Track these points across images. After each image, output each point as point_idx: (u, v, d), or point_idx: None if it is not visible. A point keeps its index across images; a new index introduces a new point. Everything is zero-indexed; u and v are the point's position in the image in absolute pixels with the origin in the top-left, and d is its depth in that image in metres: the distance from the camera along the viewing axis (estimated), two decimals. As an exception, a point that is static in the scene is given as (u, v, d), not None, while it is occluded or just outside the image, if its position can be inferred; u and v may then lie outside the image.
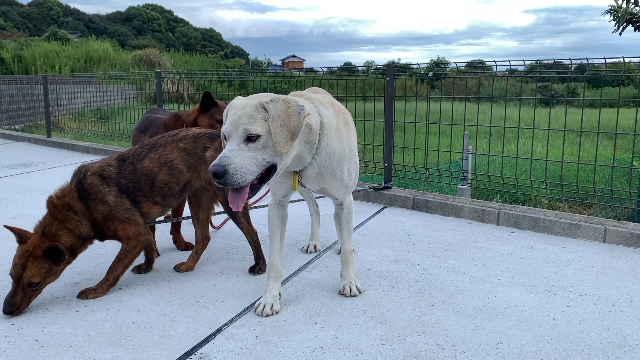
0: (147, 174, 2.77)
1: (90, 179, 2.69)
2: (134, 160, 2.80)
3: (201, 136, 2.89)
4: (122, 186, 2.72)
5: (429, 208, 4.35)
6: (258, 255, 3.03)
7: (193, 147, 2.85)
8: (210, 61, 42.71)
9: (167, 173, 2.80)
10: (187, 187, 2.90)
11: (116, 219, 2.70)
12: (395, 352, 2.14)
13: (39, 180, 5.88)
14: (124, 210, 2.72)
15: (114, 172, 2.73)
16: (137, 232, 2.75)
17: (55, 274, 2.58)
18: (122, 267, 2.75)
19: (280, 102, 2.11)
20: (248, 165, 2.05)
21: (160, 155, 2.81)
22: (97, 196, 2.67)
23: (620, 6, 5.54)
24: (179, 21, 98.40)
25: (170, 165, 2.81)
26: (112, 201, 2.69)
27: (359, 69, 6.89)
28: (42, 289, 2.59)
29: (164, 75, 7.68)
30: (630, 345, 2.18)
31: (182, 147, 2.85)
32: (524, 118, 4.89)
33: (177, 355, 2.14)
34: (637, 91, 8.34)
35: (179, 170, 2.83)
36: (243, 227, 3.00)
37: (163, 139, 2.88)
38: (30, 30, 62.55)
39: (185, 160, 2.84)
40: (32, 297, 2.54)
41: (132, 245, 2.74)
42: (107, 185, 2.70)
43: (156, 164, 2.80)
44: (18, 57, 26.32)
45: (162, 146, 2.85)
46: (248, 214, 3.02)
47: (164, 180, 2.80)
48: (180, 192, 2.88)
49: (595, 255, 3.29)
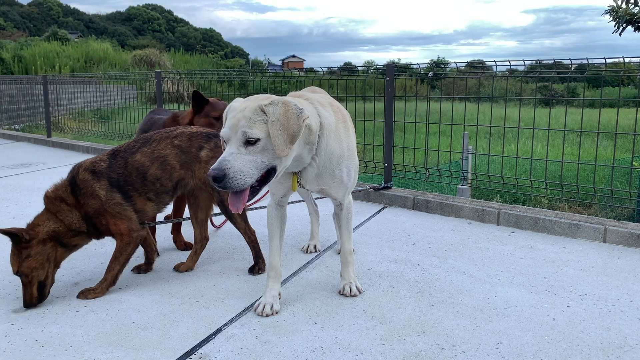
0: (139, 167, 2.77)
1: (82, 174, 2.73)
2: (125, 154, 2.80)
3: (197, 135, 2.88)
4: (112, 180, 2.73)
5: (429, 208, 4.35)
6: (257, 255, 3.02)
7: (188, 145, 2.85)
8: (210, 61, 42.71)
9: (159, 168, 2.79)
10: (181, 185, 2.88)
11: (108, 213, 2.71)
12: (395, 352, 2.14)
13: (39, 180, 5.88)
14: (115, 205, 2.72)
15: (104, 166, 2.75)
16: (129, 228, 2.74)
17: (31, 258, 2.53)
18: (119, 265, 2.75)
19: (280, 105, 2.10)
20: (247, 168, 2.05)
21: (153, 150, 2.81)
22: (87, 191, 2.70)
23: (620, 6, 5.55)
24: (179, 21, 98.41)
25: (162, 160, 2.80)
26: (103, 195, 2.70)
27: (358, 69, 6.89)
28: (34, 277, 2.55)
29: (164, 75, 7.68)
30: (630, 345, 2.18)
31: (176, 144, 2.84)
32: (524, 118, 4.89)
33: (177, 355, 2.14)
34: (637, 91, 8.34)
35: (171, 167, 2.82)
36: (240, 227, 2.99)
37: (158, 135, 2.88)
38: (30, 30, 62.54)
39: (178, 158, 2.83)
40: (28, 287, 2.54)
41: (125, 242, 2.74)
42: (97, 180, 2.72)
43: (148, 158, 2.79)
44: (18, 57, 26.33)
45: (156, 141, 2.84)
46: (245, 214, 3.02)
47: (156, 175, 2.79)
48: (173, 189, 2.87)
49: (595, 255, 3.29)
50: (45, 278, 2.61)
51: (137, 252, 3.16)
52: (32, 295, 2.56)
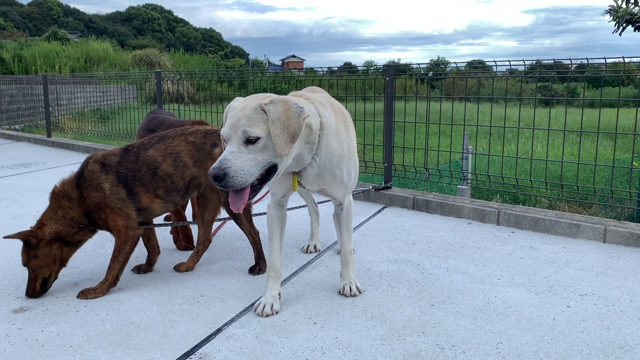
0: (150, 162, 2.77)
1: (91, 166, 2.76)
2: (139, 149, 2.83)
3: (212, 132, 2.89)
4: (120, 175, 2.75)
5: (429, 208, 4.35)
6: (259, 256, 3.02)
7: (202, 142, 2.84)
8: (210, 61, 42.70)
9: (172, 164, 2.79)
10: (193, 184, 2.86)
11: (108, 207, 2.72)
12: (395, 352, 2.14)
13: (39, 180, 5.88)
14: (118, 200, 2.73)
15: (115, 160, 2.78)
16: (127, 225, 2.74)
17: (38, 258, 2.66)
18: (118, 264, 2.75)
19: (280, 103, 2.10)
20: (248, 167, 2.05)
21: (167, 146, 2.82)
22: (93, 183, 2.72)
23: (620, 6, 5.55)
24: (179, 21, 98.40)
25: (175, 156, 2.80)
26: (108, 188, 2.72)
27: (359, 69, 6.89)
28: (39, 274, 2.68)
29: (164, 75, 7.68)
30: (630, 345, 2.18)
31: (190, 141, 2.84)
32: (524, 118, 4.89)
33: (177, 355, 2.14)
34: (637, 91, 8.34)
35: (184, 164, 2.80)
36: (245, 228, 2.99)
37: (173, 132, 2.89)
38: (30, 30, 62.52)
39: (192, 154, 2.82)
40: (32, 281, 2.69)
41: (122, 240, 2.75)
42: (105, 172, 2.74)
43: (161, 153, 2.80)
44: (18, 57, 26.32)
45: (170, 138, 2.86)
46: (250, 214, 3.02)
47: (168, 172, 2.78)
48: (185, 188, 2.85)
49: (595, 255, 3.29)
50: (49, 276, 2.73)
51: (139, 253, 3.16)
52: (34, 289, 2.70)
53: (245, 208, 2.97)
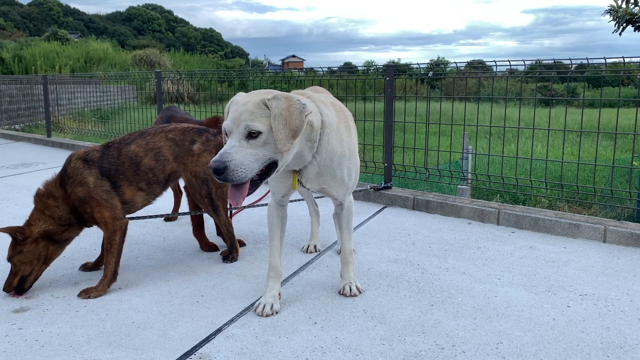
0: (133, 157, 2.87)
1: (74, 163, 2.81)
2: (120, 145, 2.92)
3: (189, 130, 3.04)
4: (103, 169, 2.81)
5: (429, 208, 4.35)
6: (232, 246, 3.21)
7: (181, 138, 3.00)
8: (210, 61, 42.68)
9: (153, 159, 2.91)
10: (172, 177, 3.01)
11: (93, 200, 2.76)
12: (395, 352, 2.14)
13: (39, 180, 5.84)
14: (103, 192, 2.78)
15: (97, 156, 2.84)
16: (113, 215, 2.79)
17: (22, 255, 2.69)
18: (114, 257, 2.78)
19: (282, 99, 2.10)
20: (249, 161, 2.05)
21: (148, 142, 2.94)
22: (77, 179, 2.77)
23: (620, 6, 5.55)
24: (179, 21, 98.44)
25: (157, 151, 2.93)
26: (92, 182, 2.77)
27: (359, 69, 6.89)
28: (20, 270, 2.70)
29: (164, 75, 7.68)
30: (630, 345, 2.18)
31: (170, 138, 2.99)
32: (524, 118, 4.89)
33: (177, 355, 2.14)
34: (637, 91, 8.34)
35: (165, 158, 2.94)
36: (221, 219, 3.14)
37: (152, 129, 3.02)
38: (30, 30, 62.52)
39: (172, 150, 2.96)
40: (11, 276, 2.70)
41: (110, 231, 2.78)
42: (88, 168, 2.79)
43: (143, 148, 2.91)
44: (18, 57, 26.31)
45: (150, 134, 2.98)
46: (227, 207, 3.18)
47: (150, 165, 2.90)
48: (165, 180, 2.98)
49: (595, 255, 3.29)
50: (29, 274, 2.73)
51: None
52: (10, 284, 2.70)
53: (223, 201, 3.11)
